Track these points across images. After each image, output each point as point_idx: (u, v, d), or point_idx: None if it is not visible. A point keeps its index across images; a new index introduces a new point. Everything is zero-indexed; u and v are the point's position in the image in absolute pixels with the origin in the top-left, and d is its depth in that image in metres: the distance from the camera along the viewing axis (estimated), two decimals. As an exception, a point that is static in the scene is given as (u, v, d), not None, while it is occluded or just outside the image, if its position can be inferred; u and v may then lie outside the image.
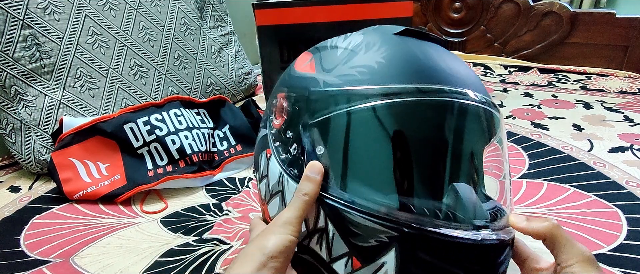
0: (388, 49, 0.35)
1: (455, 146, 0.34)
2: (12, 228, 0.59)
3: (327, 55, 0.37)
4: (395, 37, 0.37)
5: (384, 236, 0.31)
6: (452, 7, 1.50)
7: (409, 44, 0.36)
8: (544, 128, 0.86)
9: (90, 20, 0.78)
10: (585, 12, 1.30)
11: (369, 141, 0.33)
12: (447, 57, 0.37)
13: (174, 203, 0.64)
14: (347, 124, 0.33)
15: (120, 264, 0.50)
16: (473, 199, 0.34)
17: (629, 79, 1.15)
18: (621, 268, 0.46)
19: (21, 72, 0.70)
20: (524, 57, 1.41)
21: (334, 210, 0.32)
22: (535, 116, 0.93)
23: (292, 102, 0.36)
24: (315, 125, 0.34)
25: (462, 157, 0.35)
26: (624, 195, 0.60)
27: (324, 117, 0.33)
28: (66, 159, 0.65)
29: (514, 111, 0.96)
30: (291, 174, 0.35)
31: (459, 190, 0.33)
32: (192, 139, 0.69)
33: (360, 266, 0.32)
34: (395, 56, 0.34)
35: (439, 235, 0.30)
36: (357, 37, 0.38)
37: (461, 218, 0.33)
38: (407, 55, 0.35)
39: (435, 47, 0.37)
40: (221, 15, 1.08)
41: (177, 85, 0.93)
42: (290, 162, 0.36)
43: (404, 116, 0.33)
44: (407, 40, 0.36)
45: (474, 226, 0.32)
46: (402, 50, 0.35)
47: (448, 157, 0.33)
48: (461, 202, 0.33)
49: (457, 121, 0.34)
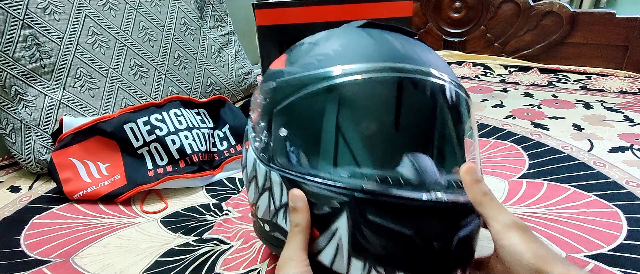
0: (346, 38, 0.38)
1: (409, 120, 0.35)
2: (12, 228, 0.59)
3: (295, 51, 0.40)
4: (357, 28, 0.39)
5: (336, 202, 0.33)
6: (452, 7, 1.50)
7: (370, 33, 0.38)
8: (544, 128, 0.86)
9: (90, 20, 0.78)
10: (585, 12, 1.30)
11: (322, 118, 0.35)
12: (410, 43, 0.38)
13: (174, 203, 0.64)
14: (304, 106, 0.35)
15: (120, 264, 0.50)
16: (427, 167, 0.34)
17: (629, 79, 1.15)
18: (621, 268, 0.46)
19: (21, 72, 0.70)
20: (524, 57, 1.41)
21: (294, 183, 0.35)
22: (535, 116, 0.93)
23: (263, 95, 0.39)
24: (279, 111, 0.36)
25: (419, 130, 0.35)
26: (624, 195, 0.60)
27: (286, 102, 0.36)
28: (66, 159, 0.65)
29: (514, 111, 0.96)
30: (262, 159, 0.38)
31: (413, 160, 0.33)
32: (192, 139, 0.69)
33: (318, 235, 0.34)
34: (351, 42, 0.38)
35: (387, 197, 0.32)
36: (322, 33, 0.41)
37: (414, 184, 0.33)
38: (363, 41, 0.37)
39: (400, 36, 0.39)
40: (221, 15, 1.08)
41: (177, 85, 0.93)
42: (262, 149, 0.38)
43: (355, 92, 0.35)
44: (368, 31, 0.39)
45: (426, 190, 0.33)
46: (359, 37, 0.38)
47: (399, 129, 0.34)
48: (414, 170, 0.33)
49: (412, 95, 0.35)
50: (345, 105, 0.34)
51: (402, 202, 0.32)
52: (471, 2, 1.46)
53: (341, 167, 0.33)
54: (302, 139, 0.35)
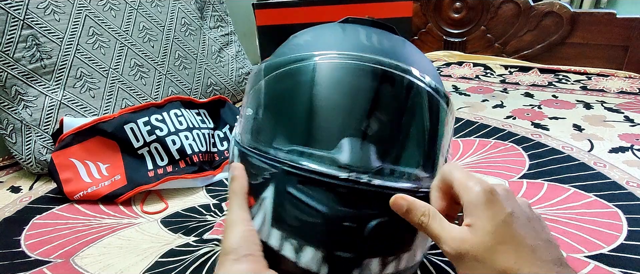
0: (319, 31, 0.42)
1: (353, 104, 0.35)
2: (13, 228, 0.59)
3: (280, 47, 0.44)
4: (333, 24, 0.42)
5: (268, 173, 0.35)
6: (452, 7, 1.50)
7: (345, 27, 0.41)
8: (544, 128, 0.86)
9: (91, 21, 0.78)
10: (586, 12, 1.30)
11: (278, 98, 0.38)
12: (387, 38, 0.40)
13: (174, 203, 0.64)
14: (268, 88, 0.39)
15: (120, 265, 0.50)
16: (360, 151, 0.33)
17: (629, 79, 1.15)
18: (621, 268, 0.46)
19: (21, 73, 0.70)
20: (525, 57, 1.41)
21: (243, 156, 0.38)
22: (535, 116, 0.93)
23: (248, 89, 0.42)
24: (249, 94, 0.41)
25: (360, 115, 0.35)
26: (624, 195, 0.60)
27: (255, 86, 0.40)
28: (66, 159, 0.65)
29: (514, 111, 0.96)
30: (235, 137, 0.41)
31: (348, 143, 0.34)
32: (193, 140, 0.69)
33: (253, 204, 0.36)
34: (323, 34, 0.42)
35: (306, 172, 0.33)
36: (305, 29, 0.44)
37: (341, 165, 0.33)
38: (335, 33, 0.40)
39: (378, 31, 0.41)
40: (221, 16, 1.08)
41: (178, 85, 0.93)
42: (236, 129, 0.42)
43: (310, 75, 0.37)
44: (344, 26, 0.42)
45: (349, 171, 0.32)
46: (332, 31, 0.41)
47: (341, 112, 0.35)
48: (347, 152, 0.33)
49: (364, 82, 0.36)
50: (300, 86, 0.36)
51: (319, 178, 0.32)
52: (471, 3, 1.46)
53: (283, 143, 0.35)
54: (260, 117, 0.38)
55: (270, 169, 0.34)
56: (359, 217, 0.32)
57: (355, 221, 0.32)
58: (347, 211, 0.32)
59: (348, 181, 0.32)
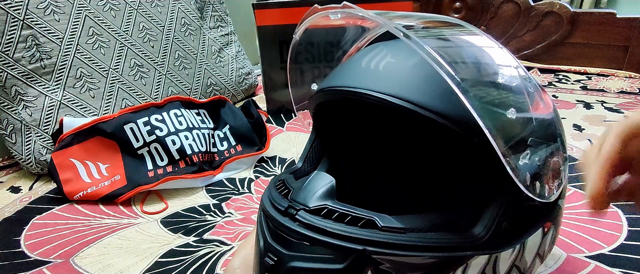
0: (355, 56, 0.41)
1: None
2: (13, 229, 0.59)
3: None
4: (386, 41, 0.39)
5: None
6: (452, 7, 1.50)
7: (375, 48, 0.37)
8: (545, 128, 0.86)
9: (91, 21, 0.78)
10: (586, 12, 1.30)
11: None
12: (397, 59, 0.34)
13: (174, 204, 0.64)
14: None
15: (120, 265, 0.50)
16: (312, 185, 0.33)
17: (629, 79, 1.15)
18: (621, 268, 0.46)
19: (21, 73, 0.70)
20: (525, 57, 1.41)
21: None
22: (535, 116, 0.93)
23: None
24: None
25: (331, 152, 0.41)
26: (625, 195, 0.60)
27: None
28: (66, 159, 0.65)
29: (514, 111, 0.96)
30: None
31: (312, 176, 0.34)
32: (193, 140, 0.69)
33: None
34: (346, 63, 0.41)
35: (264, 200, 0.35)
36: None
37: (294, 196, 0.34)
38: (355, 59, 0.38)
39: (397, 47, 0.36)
40: (221, 16, 1.08)
41: (177, 85, 0.93)
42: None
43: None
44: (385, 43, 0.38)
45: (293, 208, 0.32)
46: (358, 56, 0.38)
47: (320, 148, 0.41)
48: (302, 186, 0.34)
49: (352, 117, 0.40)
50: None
51: (265, 208, 0.34)
52: (471, 3, 1.46)
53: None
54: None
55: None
56: (278, 253, 0.31)
57: (275, 256, 0.31)
58: (269, 244, 0.32)
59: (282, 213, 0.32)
